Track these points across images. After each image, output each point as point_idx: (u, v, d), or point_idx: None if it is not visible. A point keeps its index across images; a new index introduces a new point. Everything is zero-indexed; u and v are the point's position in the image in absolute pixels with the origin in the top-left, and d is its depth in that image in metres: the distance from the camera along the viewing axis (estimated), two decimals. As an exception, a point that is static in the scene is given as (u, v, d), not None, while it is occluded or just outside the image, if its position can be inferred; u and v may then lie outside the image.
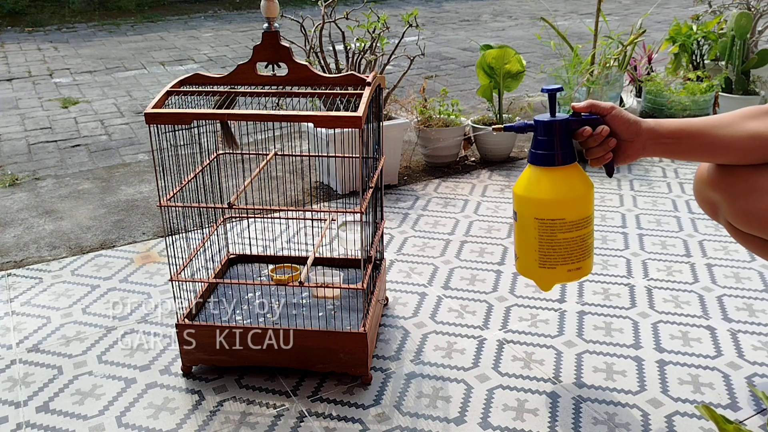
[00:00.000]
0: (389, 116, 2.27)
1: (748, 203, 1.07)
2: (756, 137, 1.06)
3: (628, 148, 1.11)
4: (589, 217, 1.13)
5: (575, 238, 1.12)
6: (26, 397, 1.30)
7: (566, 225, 1.11)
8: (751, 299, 1.57)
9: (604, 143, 1.10)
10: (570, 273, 1.15)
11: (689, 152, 1.11)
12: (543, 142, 1.11)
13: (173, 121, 1.17)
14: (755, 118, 1.08)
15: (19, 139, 3.01)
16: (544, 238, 1.12)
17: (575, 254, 1.13)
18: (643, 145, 1.11)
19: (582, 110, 1.11)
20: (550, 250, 1.13)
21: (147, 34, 5.86)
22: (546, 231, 1.12)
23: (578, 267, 1.15)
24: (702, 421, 1.19)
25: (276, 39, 1.25)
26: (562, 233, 1.11)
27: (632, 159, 1.13)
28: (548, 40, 2.65)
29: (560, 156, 1.10)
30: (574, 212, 1.11)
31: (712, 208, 1.16)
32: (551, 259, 1.13)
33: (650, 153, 1.12)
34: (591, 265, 1.18)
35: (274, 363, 1.31)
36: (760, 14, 2.78)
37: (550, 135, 1.10)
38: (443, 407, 1.24)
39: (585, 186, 1.12)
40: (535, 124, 1.12)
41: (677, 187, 2.21)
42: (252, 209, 1.33)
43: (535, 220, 1.12)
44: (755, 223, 1.08)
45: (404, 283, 1.68)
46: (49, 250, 1.90)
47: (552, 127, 1.10)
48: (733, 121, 1.09)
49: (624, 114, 1.10)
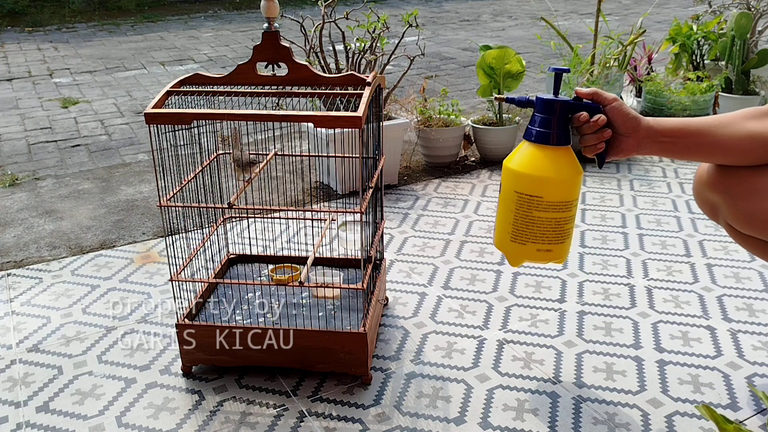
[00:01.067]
0: (389, 116, 2.27)
1: (748, 205, 1.07)
2: (755, 138, 1.06)
3: (623, 143, 1.11)
4: (569, 202, 1.12)
5: (550, 219, 1.12)
6: (26, 397, 1.30)
7: (543, 204, 1.11)
8: (751, 299, 1.57)
9: (598, 132, 1.10)
10: (539, 253, 1.15)
11: (687, 152, 1.11)
12: (539, 119, 1.11)
13: (173, 121, 1.17)
14: (755, 119, 1.08)
15: (19, 139, 3.01)
16: (520, 213, 1.13)
17: (548, 235, 1.13)
18: (639, 142, 1.11)
19: (584, 96, 1.11)
20: (524, 225, 1.13)
21: (147, 34, 5.86)
22: (523, 206, 1.12)
23: (548, 249, 1.14)
24: (702, 421, 1.19)
25: (276, 39, 1.25)
26: (538, 211, 1.11)
27: (625, 154, 1.12)
28: (548, 40, 2.65)
29: (553, 135, 1.11)
30: (554, 193, 1.11)
31: (711, 210, 1.16)
32: (523, 234, 1.14)
33: (646, 151, 1.12)
34: (565, 251, 1.17)
35: (274, 363, 1.31)
36: (760, 14, 2.78)
37: (547, 113, 1.11)
38: (443, 407, 1.24)
39: (572, 170, 1.12)
40: (535, 101, 1.12)
41: (677, 187, 2.21)
42: (252, 209, 1.33)
43: (515, 193, 1.13)
44: (755, 224, 1.08)
45: (404, 283, 1.68)
46: (49, 250, 1.90)
47: (551, 106, 1.10)
48: (733, 121, 1.09)
49: (624, 108, 1.09)
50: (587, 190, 2.20)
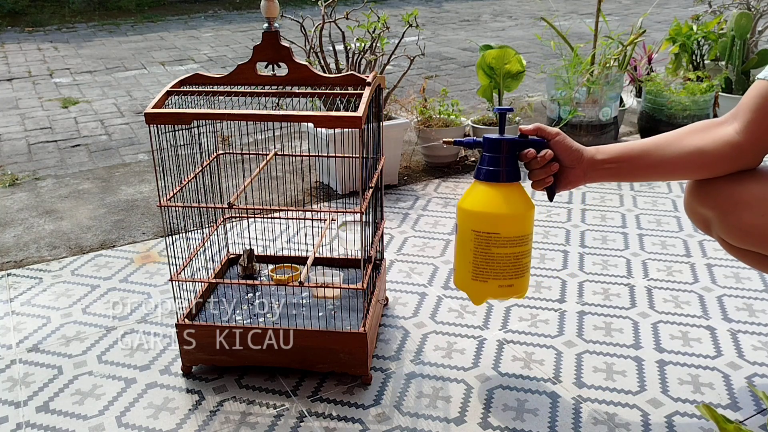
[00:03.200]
0: (389, 116, 2.27)
1: (738, 219, 1.07)
2: (703, 152, 1.06)
3: (570, 174, 1.14)
4: (525, 236, 1.15)
5: (509, 254, 1.14)
6: (26, 397, 1.30)
7: (500, 240, 1.13)
8: (751, 299, 1.57)
9: (546, 167, 1.12)
10: (501, 289, 1.17)
11: (635, 174, 1.13)
12: (488, 158, 1.14)
13: (173, 121, 1.17)
14: (700, 132, 1.08)
15: (19, 139, 3.01)
16: (479, 251, 1.15)
17: (508, 271, 1.15)
18: (585, 171, 1.13)
19: (529, 133, 1.14)
20: (484, 263, 1.15)
21: (147, 34, 5.86)
22: (481, 244, 1.14)
23: (510, 284, 1.16)
24: (702, 421, 1.19)
25: (276, 39, 1.25)
26: (496, 248, 1.13)
27: (573, 185, 1.15)
28: (548, 40, 2.65)
29: (503, 173, 1.13)
30: (509, 229, 1.13)
31: (704, 224, 1.16)
32: (484, 272, 1.16)
33: (593, 179, 1.14)
34: (525, 286, 1.19)
35: (274, 363, 1.31)
36: (760, 14, 2.78)
37: (495, 152, 1.13)
38: (443, 407, 1.24)
39: (524, 205, 1.14)
40: (483, 141, 1.15)
41: (677, 187, 2.21)
42: (252, 209, 1.33)
43: (472, 231, 1.14)
44: (747, 238, 1.07)
45: (404, 283, 1.68)
46: (49, 250, 1.90)
47: (498, 145, 1.13)
48: (678, 138, 1.09)
49: (567, 141, 1.12)
50: (587, 190, 2.21)
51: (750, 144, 1.03)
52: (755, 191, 1.04)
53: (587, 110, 2.45)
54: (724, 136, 1.05)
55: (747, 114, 1.02)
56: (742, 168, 1.07)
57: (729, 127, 1.05)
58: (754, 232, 1.05)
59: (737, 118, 1.04)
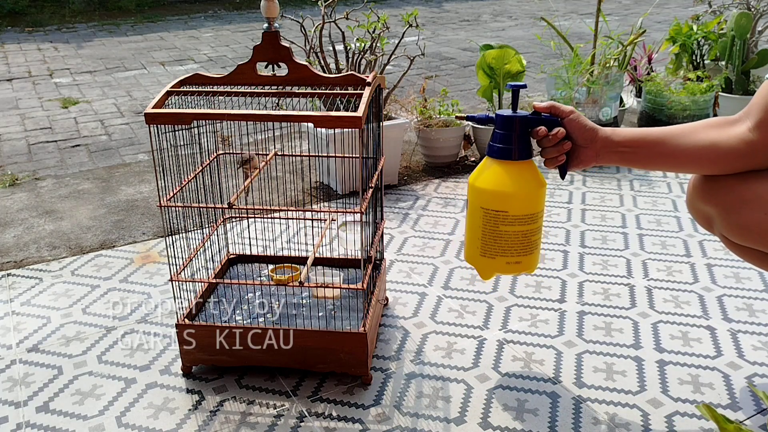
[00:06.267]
0: (389, 116, 2.27)
1: (740, 217, 1.07)
2: (717, 147, 1.06)
3: (582, 153, 1.13)
4: (534, 214, 1.14)
5: (517, 232, 1.14)
6: (26, 397, 1.30)
7: (509, 218, 1.13)
8: (751, 299, 1.57)
9: (558, 145, 1.12)
10: (509, 265, 1.17)
11: (647, 161, 1.12)
12: (500, 135, 1.13)
13: (173, 121, 1.17)
14: (716, 128, 1.08)
15: (19, 139, 3.01)
16: (487, 228, 1.15)
17: (516, 248, 1.15)
18: (597, 152, 1.12)
19: (542, 110, 1.13)
20: (492, 240, 1.15)
21: (147, 34, 5.86)
22: (490, 221, 1.14)
23: (518, 261, 1.16)
24: (702, 421, 1.19)
25: (276, 39, 1.25)
26: (505, 226, 1.13)
27: (585, 165, 1.14)
28: (548, 40, 2.65)
29: (515, 151, 1.12)
30: (518, 207, 1.12)
31: (706, 221, 1.16)
32: (492, 249, 1.16)
33: (604, 161, 1.14)
34: (534, 262, 1.19)
35: (274, 363, 1.31)
36: (760, 14, 2.78)
37: (507, 129, 1.12)
38: (443, 407, 1.24)
39: (535, 184, 1.13)
40: (495, 118, 1.14)
41: (677, 187, 2.21)
42: (252, 209, 1.33)
43: (481, 209, 1.14)
44: (749, 236, 1.07)
45: (404, 283, 1.68)
46: (49, 250, 1.90)
47: (510, 122, 1.12)
48: (694, 130, 1.09)
49: (581, 119, 1.11)
50: (587, 190, 2.21)
51: (763, 142, 1.03)
52: (758, 189, 1.04)
53: (587, 110, 2.45)
54: (739, 134, 1.05)
55: (760, 113, 1.02)
56: (753, 167, 1.06)
57: (742, 125, 1.05)
58: (755, 230, 1.06)
59: (750, 117, 1.04)
